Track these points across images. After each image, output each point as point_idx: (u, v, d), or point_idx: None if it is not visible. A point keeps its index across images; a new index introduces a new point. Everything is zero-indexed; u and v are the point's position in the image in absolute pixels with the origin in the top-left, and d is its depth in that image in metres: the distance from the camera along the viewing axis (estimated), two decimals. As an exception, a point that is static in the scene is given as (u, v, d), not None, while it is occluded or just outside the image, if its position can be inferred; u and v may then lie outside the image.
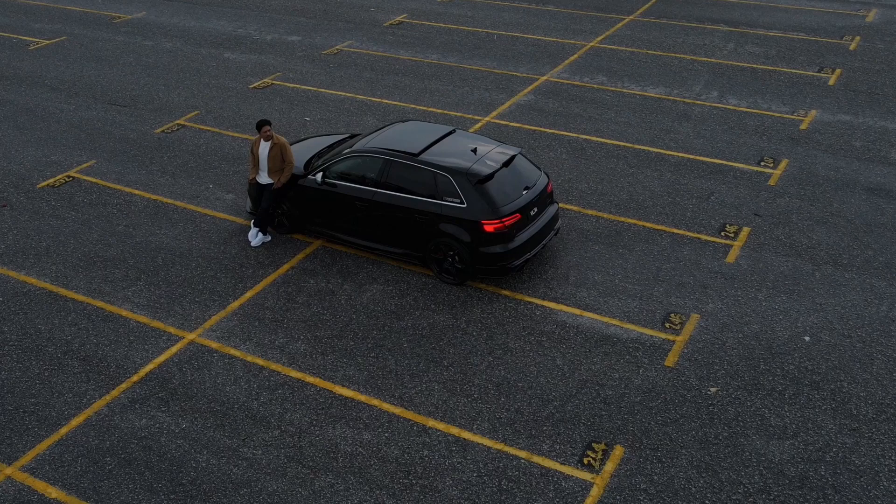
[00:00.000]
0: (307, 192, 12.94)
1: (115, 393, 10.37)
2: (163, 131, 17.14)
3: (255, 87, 19.21)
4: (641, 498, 8.85)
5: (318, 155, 13.54)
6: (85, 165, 15.82)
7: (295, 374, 10.64)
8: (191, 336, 11.33)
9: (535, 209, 12.19)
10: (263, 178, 12.97)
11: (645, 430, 9.72)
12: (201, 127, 17.30)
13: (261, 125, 12.66)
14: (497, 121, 17.35)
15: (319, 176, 12.68)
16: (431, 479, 9.12)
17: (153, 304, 11.95)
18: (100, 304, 11.99)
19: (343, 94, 18.78)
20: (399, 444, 9.56)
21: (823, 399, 10.11)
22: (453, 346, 11.09)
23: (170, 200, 14.58)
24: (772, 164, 15.50)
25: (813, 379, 10.42)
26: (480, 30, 22.84)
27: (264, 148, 12.79)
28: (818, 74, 19.56)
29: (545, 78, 19.51)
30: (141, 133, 17.07)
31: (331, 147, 13.81)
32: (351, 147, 12.78)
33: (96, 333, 11.40)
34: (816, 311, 11.63)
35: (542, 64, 20.34)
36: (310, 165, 13.24)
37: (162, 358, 10.93)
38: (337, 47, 21.64)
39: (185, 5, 25.52)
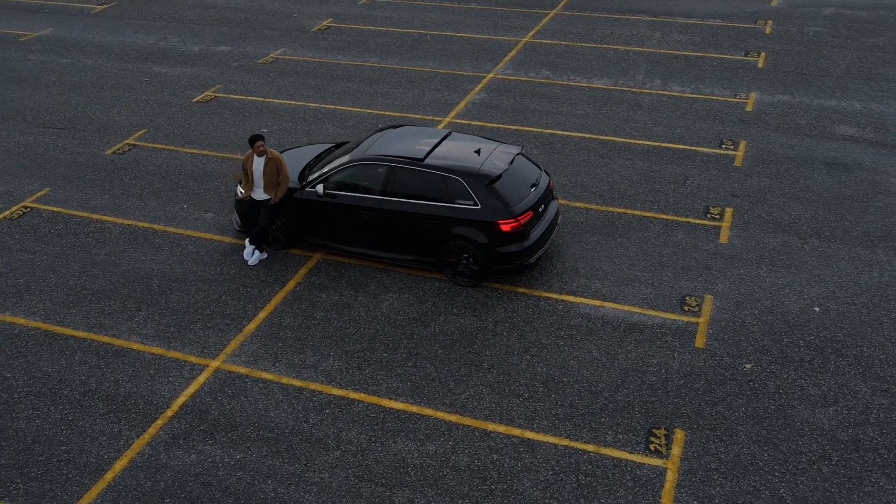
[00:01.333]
0: (306, 204, 12.60)
1: (152, 430, 9.82)
2: (114, 153, 16.27)
3: (198, 101, 18.50)
4: (716, 477, 9.12)
5: (309, 166, 13.20)
6: (39, 194, 14.84)
7: (337, 391, 10.37)
8: (215, 363, 10.85)
9: (543, 206, 12.31)
10: (259, 195, 12.53)
11: (697, 411, 10.00)
12: (154, 146, 16.52)
13: (253, 140, 12.22)
14: (458, 120, 17.37)
15: (320, 187, 12.36)
16: (509, 482, 9.10)
17: (164, 334, 11.37)
18: (105, 339, 11.31)
19: (293, 102, 18.34)
20: (466, 452, 9.48)
21: (850, 365, 10.67)
22: (488, 347, 11.07)
23: (146, 224, 13.87)
24: (732, 147, 16.17)
25: (834, 347, 10.98)
26: (411, 31, 22.76)
27: (258, 164, 12.36)
28: (746, 58, 20.51)
29: (491, 76, 19.66)
30: (91, 156, 16.15)
31: (319, 157, 13.49)
32: (350, 156, 12.52)
33: (111, 370, 10.75)
34: (816, 282, 12.24)
35: (484, 62, 20.48)
36: (303, 177, 12.90)
37: (192, 389, 10.43)
38: (271, 56, 21.09)
39: (93, 19, 24.26)
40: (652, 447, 9.51)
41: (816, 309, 11.69)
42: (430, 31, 22.69)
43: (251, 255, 12.78)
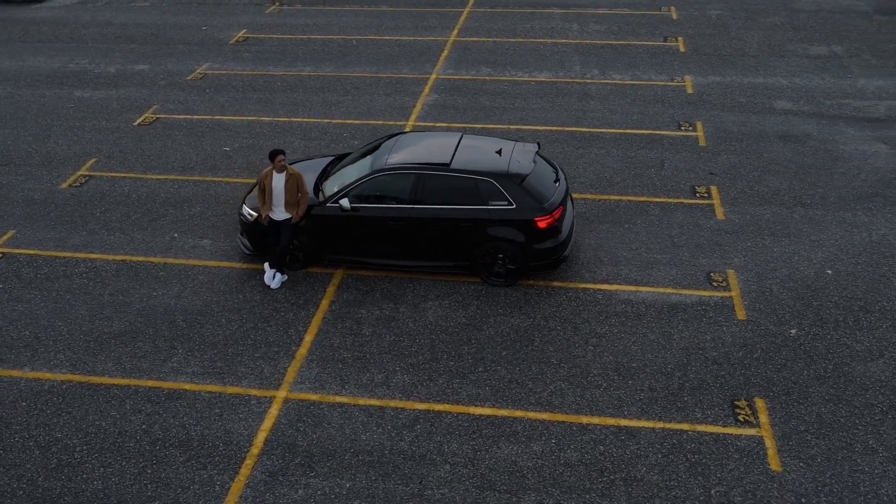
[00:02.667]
0: (327, 220, 12.24)
1: (245, 472, 9.31)
2: (71, 186, 15.14)
3: (140, 125, 17.47)
4: (809, 438, 9.65)
5: (320, 181, 12.82)
6: (5, 237, 13.61)
7: (419, 405, 10.19)
8: (281, 394, 10.40)
9: (566, 200, 12.54)
10: (279, 214, 12.04)
11: (767, 379, 10.53)
12: (113, 174, 15.50)
13: (274, 155, 11.74)
14: (421, 123, 17.30)
15: (345, 201, 12.05)
16: (626, 470, 9.28)
17: (212, 371, 10.77)
18: (150, 383, 10.59)
19: (245, 118, 17.67)
20: (572, 447, 9.58)
21: (878, 319, 11.53)
22: (549, 343, 11.18)
23: (141, 258, 13.04)
24: (690, 128, 16.97)
25: (859, 305, 11.82)
26: (333, 37, 22.39)
27: (278, 180, 11.89)
28: (666, 44, 21.52)
29: (434, 76, 19.67)
30: (46, 191, 14.96)
31: (325, 172, 13.12)
32: (371, 167, 12.25)
33: (172, 415, 10.09)
34: (817, 247, 13.11)
35: (421, 63, 20.45)
36: (316, 193, 12.54)
37: (268, 423, 9.95)
38: (198, 71, 20.19)
39: (-21, 45, 22.37)
40: (741, 418, 9.95)
41: (829, 272, 12.53)
42: (352, 36, 22.40)
43: (272, 278, 12.29)
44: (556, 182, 12.39)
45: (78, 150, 16.47)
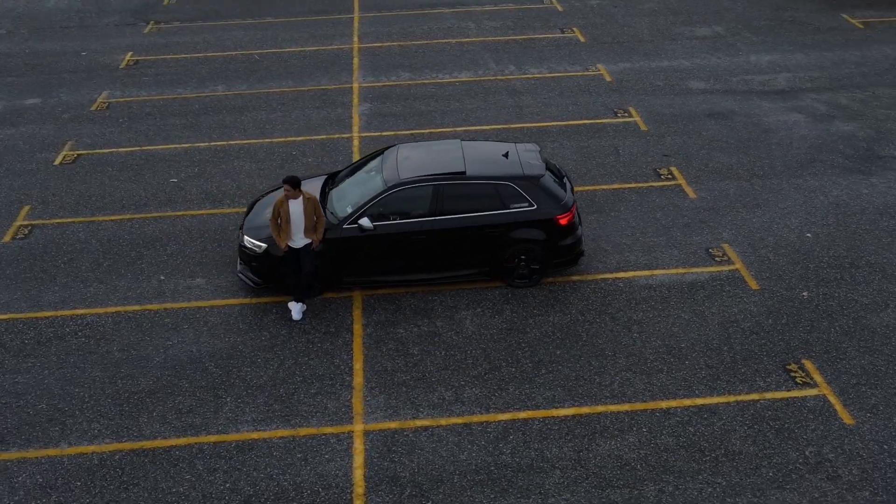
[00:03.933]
0: (343, 243, 11.82)
1: (358, 513, 8.92)
2: (14, 238, 13.69)
3: (62, 163, 16.03)
4: (865, 389, 10.44)
5: (323, 203, 12.35)
6: (-36, 305, 12.18)
7: (503, 416, 10.12)
8: (357, 427, 9.99)
9: (571, 195, 12.81)
10: (299, 241, 11.50)
11: (805, 342, 11.26)
12: (58, 221, 14.15)
13: (285, 182, 11.19)
14: (368, 134, 16.97)
15: (365, 221, 11.68)
16: (722, 446, 9.66)
17: (274, 415, 10.17)
18: (212, 438, 9.85)
19: (178, 146, 16.61)
20: (665, 433, 9.85)
21: (870, 273, 12.59)
22: (595, 336, 11.40)
23: (137, 307, 12.04)
24: (626, 115, 17.70)
25: (848, 262, 12.85)
26: (232, 53, 21.41)
27: (296, 206, 11.34)
28: (565, 35, 22.23)
29: (356, 85, 19.33)
30: (-11, 248, 13.48)
31: (325, 193, 12.63)
32: (384, 183, 11.92)
33: (253, 467, 9.45)
34: (788, 214, 14.11)
35: (336, 73, 20.01)
36: (328, 215, 12.08)
37: (359, 460, 9.55)
38: (100, 100, 18.72)
39: None
40: (798, 381, 10.60)
41: (809, 235, 13.53)
42: (252, 51, 21.55)
43: (294, 307, 11.74)
44: (563, 179, 12.61)
45: (2, 199, 14.90)
